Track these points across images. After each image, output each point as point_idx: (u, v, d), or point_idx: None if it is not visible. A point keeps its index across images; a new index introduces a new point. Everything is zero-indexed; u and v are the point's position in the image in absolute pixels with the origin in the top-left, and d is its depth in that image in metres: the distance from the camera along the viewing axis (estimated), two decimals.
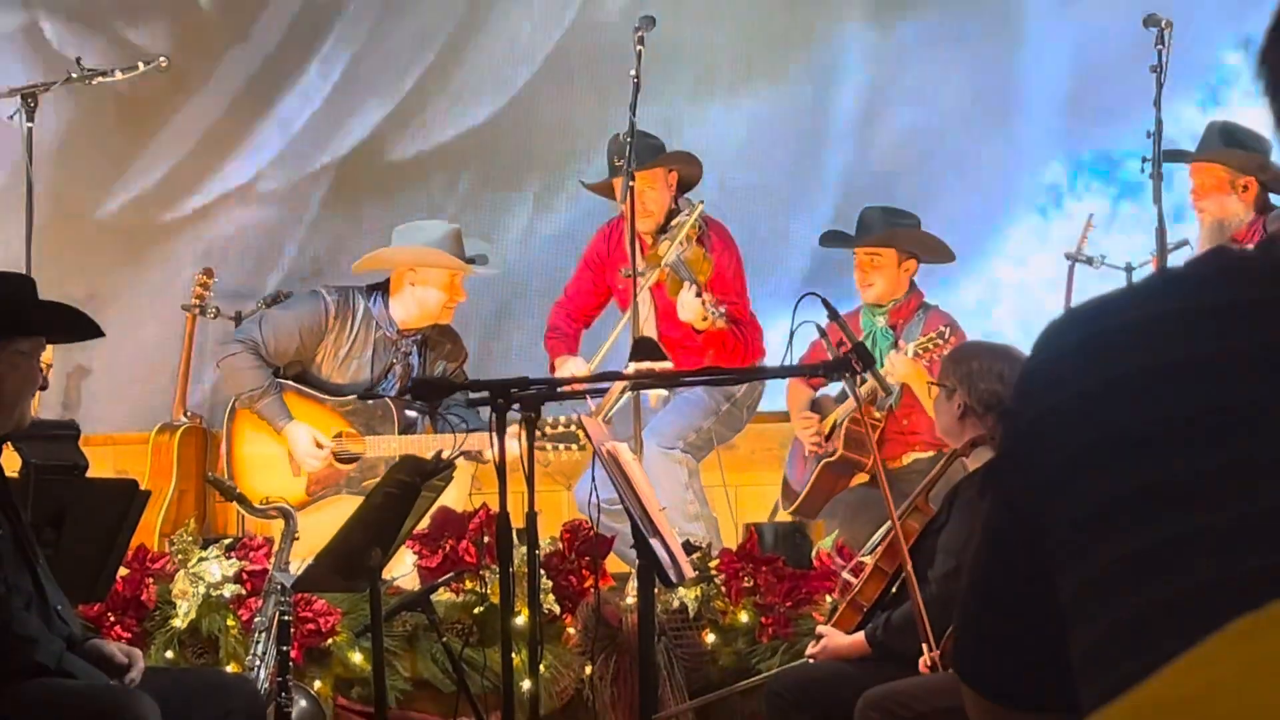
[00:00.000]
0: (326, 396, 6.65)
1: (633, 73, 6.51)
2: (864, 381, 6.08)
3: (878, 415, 6.67)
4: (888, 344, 6.64)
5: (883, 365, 6.42)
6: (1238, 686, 0.99)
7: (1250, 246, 1.48)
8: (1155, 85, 6.30)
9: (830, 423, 6.88)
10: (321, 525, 5.42)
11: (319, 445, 6.56)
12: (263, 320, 6.76)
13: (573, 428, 6.26)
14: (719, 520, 6.76)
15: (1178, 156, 6.59)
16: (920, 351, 6.31)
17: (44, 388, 4.42)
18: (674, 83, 8.43)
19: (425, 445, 6.16)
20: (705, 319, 6.53)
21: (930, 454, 6.45)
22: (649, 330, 6.67)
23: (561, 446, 6.34)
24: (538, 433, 5.89)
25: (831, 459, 6.80)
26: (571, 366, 6.72)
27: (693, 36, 8.59)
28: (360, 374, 6.67)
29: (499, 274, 7.15)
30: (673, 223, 6.79)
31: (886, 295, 6.74)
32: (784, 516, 6.97)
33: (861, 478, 6.75)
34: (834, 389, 7.01)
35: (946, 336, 6.23)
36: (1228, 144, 6.61)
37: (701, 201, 6.83)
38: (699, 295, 6.52)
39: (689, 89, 8.70)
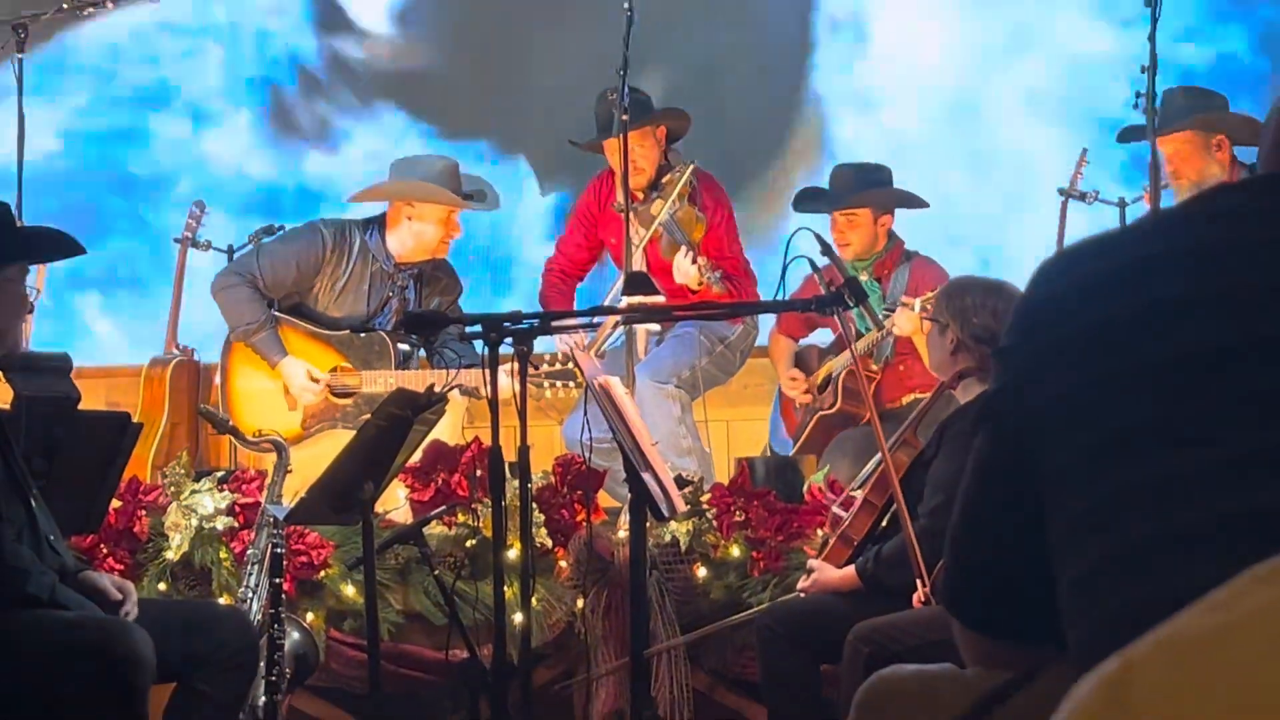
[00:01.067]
0: (323, 331, 6.64)
1: (625, 5, 6.22)
2: (860, 336, 6.06)
3: (874, 367, 6.67)
4: (874, 296, 6.64)
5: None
6: (1259, 628, 1.00)
7: (1245, 182, 1.47)
8: (1150, 20, 6.23)
9: (824, 375, 6.88)
10: (317, 459, 5.40)
11: (314, 379, 6.56)
12: (260, 253, 6.74)
13: (569, 365, 6.25)
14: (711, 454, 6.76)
15: (1136, 135, 6.33)
16: (928, 306, 6.29)
17: (30, 310, 4.40)
18: None
19: (421, 380, 6.15)
20: (700, 283, 6.52)
21: (929, 395, 6.44)
22: None
23: (559, 384, 6.33)
24: (533, 369, 5.91)
25: (828, 413, 6.80)
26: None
27: None
28: (357, 307, 6.66)
29: (496, 210, 7.10)
30: (664, 180, 6.73)
31: (866, 251, 6.79)
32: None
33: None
34: (822, 340, 7.01)
35: None
36: (1190, 108, 6.48)
37: (694, 162, 6.75)
38: (694, 261, 6.50)
39: None
